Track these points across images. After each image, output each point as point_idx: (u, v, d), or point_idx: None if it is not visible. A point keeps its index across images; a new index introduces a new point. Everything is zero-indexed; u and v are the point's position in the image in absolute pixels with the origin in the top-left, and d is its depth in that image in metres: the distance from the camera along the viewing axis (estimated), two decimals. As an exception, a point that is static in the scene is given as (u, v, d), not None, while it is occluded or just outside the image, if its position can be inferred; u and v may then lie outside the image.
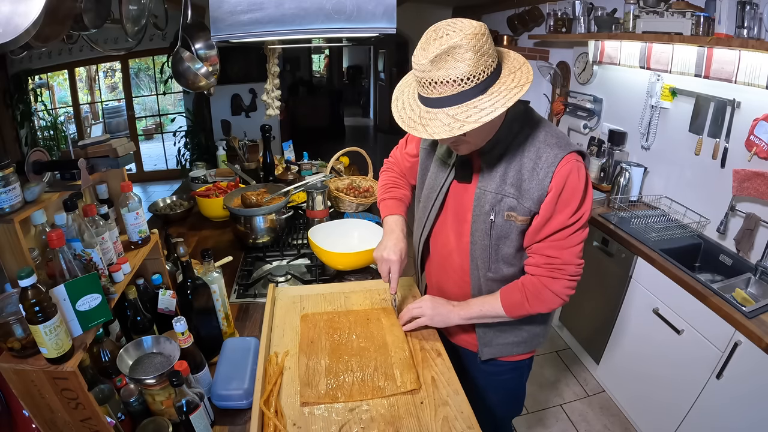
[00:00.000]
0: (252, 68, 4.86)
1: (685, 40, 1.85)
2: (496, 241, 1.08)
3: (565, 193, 0.98)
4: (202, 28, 1.81)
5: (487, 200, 1.05)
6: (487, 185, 1.05)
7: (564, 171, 0.97)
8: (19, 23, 0.86)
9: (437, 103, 0.87)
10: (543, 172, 0.98)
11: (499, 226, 1.06)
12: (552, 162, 0.97)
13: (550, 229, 1.01)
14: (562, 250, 1.02)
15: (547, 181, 0.98)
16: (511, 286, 1.09)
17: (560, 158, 0.97)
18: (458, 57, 0.81)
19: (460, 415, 0.92)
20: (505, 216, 1.04)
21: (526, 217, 1.03)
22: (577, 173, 0.97)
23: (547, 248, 1.03)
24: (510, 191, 1.02)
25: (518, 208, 1.02)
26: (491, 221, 1.06)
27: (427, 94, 0.87)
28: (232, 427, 1.02)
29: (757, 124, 1.76)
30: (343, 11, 1.16)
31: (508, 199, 1.03)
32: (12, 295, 0.85)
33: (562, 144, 0.99)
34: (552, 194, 0.98)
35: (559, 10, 2.84)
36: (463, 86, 0.84)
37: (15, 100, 4.55)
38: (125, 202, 1.14)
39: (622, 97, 2.59)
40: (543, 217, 1.00)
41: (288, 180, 2.34)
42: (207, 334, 1.18)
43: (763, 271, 1.74)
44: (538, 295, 1.05)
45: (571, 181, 0.97)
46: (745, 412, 1.53)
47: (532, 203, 1.01)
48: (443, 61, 0.82)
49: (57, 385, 0.82)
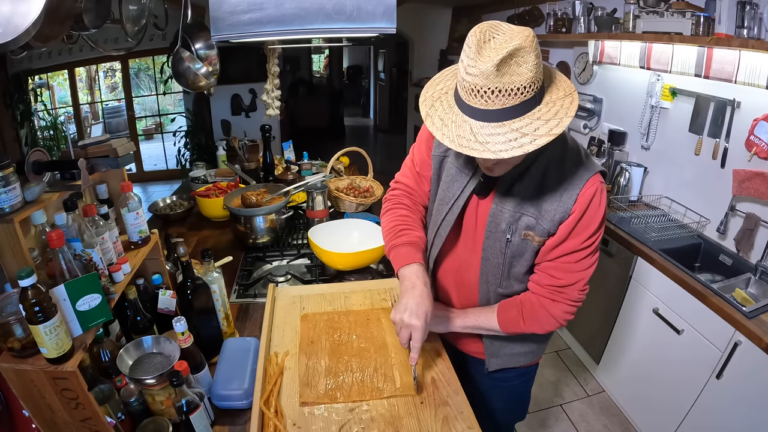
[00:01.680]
0: (252, 68, 4.85)
1: (685, 40, 1.85)
2: (510, 259, 1.03)
3: (587, 217, 0.94)
4: (202, 28, 1.81)
5: (504, 218, 1.00)
6: (506, 203, 0.99)
7: (588, 194, 0.92)
8: (19, 23, 0.86)
9: (496, 117, 0.76)
10: (567, 194, 0.93)
11: (515, 245, 1.01)
12: (577, 184, 0.93)
13: (563, 251, 0.97)
14: (570, 273, 0.98)
15: (571, 204, 0.93)
16: (509, 302, 1.06)
17: (585, 180, 0.92)
18: (522, 61, 0.72)
19: (460, 415, 0.92)
20: (522, 235, 1.00)
21: (543, 238, 0.99)
22: (600, 196, 0.93)
23: (555, 269, 0.99)
24: (530, 210, 0.97)
25: (536, 228, 0.97)
26: (507, 240, 1.01)
27: (482, 105, 0.75)
28: (232, 427, 1.02)
29: (757, 124, 1.76)
30: (343, 11, 1.16)
31: (526, 218, 0.98)
32: (12, 295, 0.85)
33: (587, 164, 0.95)
34: (573, 217, 0.94)
35: (559, 10, 2.84)
36: (526, 95, 0.74)
37: (15, 100, 4.55)
38: (125, 202, 1.14)
39: (622, 97, 2.59)
40: (558, 238, 0.96)
41: (288, 180, 2.34)
42: (207, 334, 1.18)
43: (763, 271, 1.73)
44: (535, 315, 1.02)
45: (593, 205, 0.93)
46: (745, 412, 1.53)
47: (551, 225, 0.96)
48: (507, 65, 0.72)
49: (57, 385, 0.82)
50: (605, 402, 2.30)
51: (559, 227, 0.96)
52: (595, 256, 0.99)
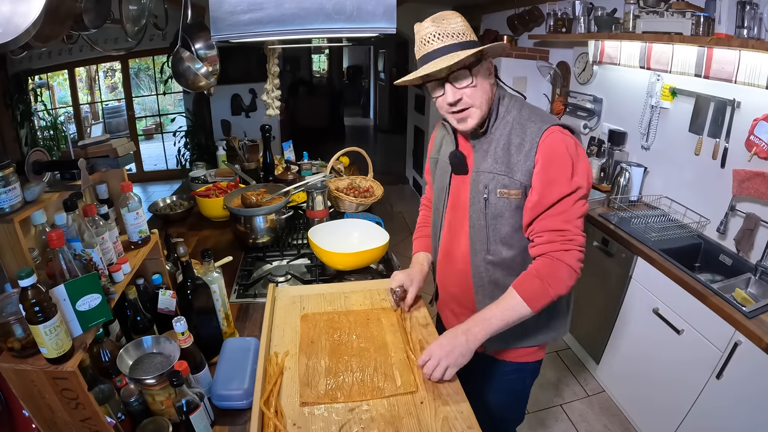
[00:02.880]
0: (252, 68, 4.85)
1: (685, 40, 1.85)
2: (492, 220, 1.10)
3: (555, 162, 1.00)
4: (202, 28, 1.81)
5: (480, 181, 1.10)
6: (481, 167, 1.10)
7: (548, 141, 1.01)
8: (19, 23, 0.86)
9: (437, 54, 0.98)
10: (528, 144, 1.03)
11: (493, 204, 1.09)
12: (536, 134, 1.02)
13: (550, 200, 1.01)
14: (568, 222, 1.01)
15: (533, 152, 1.02)
16: (522, 279, 1.04)
17: (544, 129, 1.02)
18: (452, 20, 1.00)
19: (460, 415, 0.92)
20: (498, 194, 1.07)
21: (518, 191, 1.05)
22: (562, 141, 1.01)
23: (552, 222, 1.02)
24: (500, 169, 1.07)
25: (510, 184, 1.06)
26: (485, 199, 1.09)
27: (427, 49, 0.99)
28: (232, 427, 1.02)
29: (757, 124, 1.76)
30: (343, 11, 1.16)
31: (499, 177, 1.07)
32: (12, 295, 0.85)
33: (546, 118, 1.05)
34: (541, 164, 1.02)
35: (559, 10, 2.84)
36: (460, 38, 0.99)
37: (15, 100, 4.55)
38: (125, 202, 1.14)
39: (622, 97, 2.59)
40: (538, 190, 1.02)
41: (288, 180, 2.34)
42: (207, 334, 1.18)
43: (763, 271, 1.73)
44: (555, 273, 1.01)
45: (557, 149, 1.00)
46: (745, 413, 1.53)
47: (521, 175, 1.04)
48: (441, 19, 1.00)
49: (57, 385, 0.82)
50: (605, 402, 2.30)
51: (531, 179, 1.03)
52: (586, 205, 1.04)
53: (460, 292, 1.23)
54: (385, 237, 1.63)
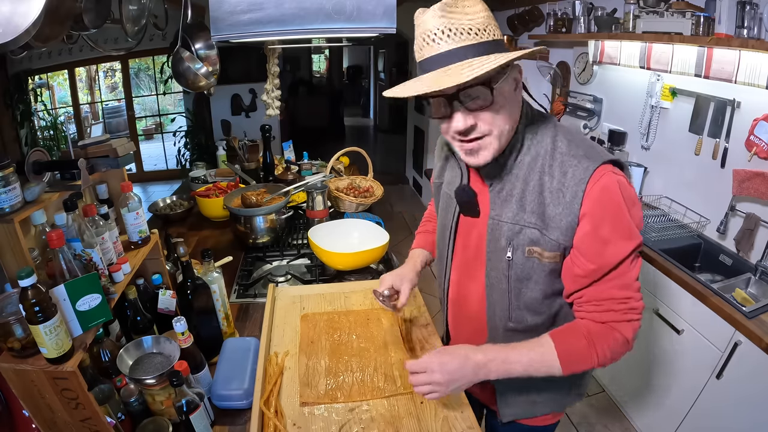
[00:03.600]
0: (252, 68, 4.85)
1: (685, 40, 1.85)
2: (516, 283, 0.88)
3: (611, 217, 0.78)
4: (202, 28, 1.81)
5: (502, 233, 0.86)
6: (502, 213, 0.86)
7: (599, 188, 0.77)
8: (19, 23, 0.86)
9: (444, 59, 0.73)
10: (571, 191, 0.78)
11: (519, 265, 0.86)
12: (581, 178, 0.77)
13: (607, 267, 0.80)
14: (628, 288, 0.81)
15: (577, 204, 0.78)
16: (566, 332, 0.84)
17: (591, 171, 0.77)
18: (469, 8, 0.73)
19: (460, 415, 0.92)
20: (527, 252, 0.84)
21: (555, 253, 0.83)
22: (616, 187, 0.77)
23: (610, 290, 0.81)
24: (530, 220, 0.83)
25: (543, 242, 0.82)
26: (508, 260, 0.86)
27: (430, 51, 0.74)
28: (232, 427, 1.02)
29: (757, 124, 1.76)
30: (343, 11, 1.16)
31: (528, 231, 0.83)
32: (12, 295, 0.85)
33: (591, 153, 0.79)
34: (591, 221, 0.78)
35: (559, 10, 2.84)
36: (480, 37, 0.72)
37: (15, 100, 4.55)
38: (125, 202, 1.14)
39: (622, 97, 2.59)
40: (589, 255, 0.79)
41: (288, 180, 2.34)
42: (207, 334, 1.18)
43: (763, 271, 1.73)
44: (608, 341, 0.81)
45: (613, 200, 0.77)
46: (746, 412, 1.53)
47: (560, 234, 0.81)
48: (453, 6, 0.72)
49: (57, 385, 0.82)
50: (605, 402, 2.30)
51: (574, 239, 0.80)
52: (640, 259, 0.83)
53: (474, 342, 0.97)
54: (385, 237, 1.63)
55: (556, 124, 0.86)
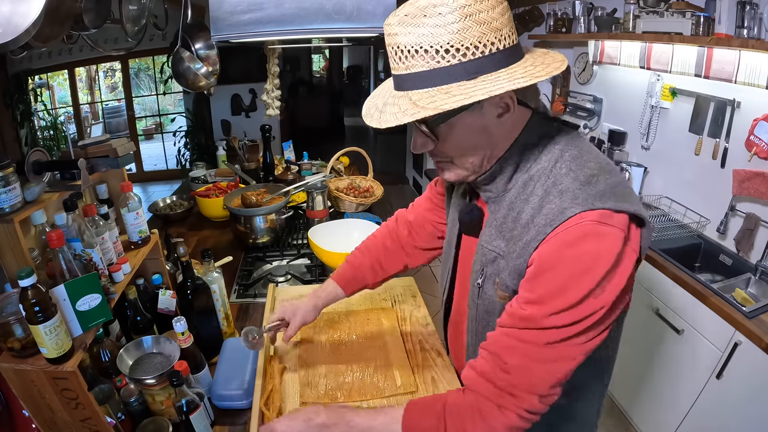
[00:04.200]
0: (252, 68, 4.85)
1: (685, 40, 1.85)
2: (484, 314, 0.78)
3: (556, 275, 0.61)
4: (202, 28, 1.81)
5: (478, 257, 0.78)
6: (485, 235, 0.77)
7: (561, 238, 0.62)
8: (19, 23, 0.86)
9: (406, 83, 0.63)
10: (534, 231, 0.65)
11: (487, 296, 0.76)
12: (551, 220, 0.63)
13: (517, 318, 0.65)
14: (529, 365, 0.64)
15: (532, 248, 0.65)
16: (427, 403, 0.72)
17: (566, 217, 0.61)
18: (436, 19, 0.58)
19: (460, 415, 0.92)
20: (495, 284, 0.74)
21: (504, 294, 0.73)
22: (593, 244, 0.60)
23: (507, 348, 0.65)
24: (501, 248, 0.72)
25: (502, 277, 0.72)
26: (478, 286, 0.77)
27: (396, 70, 0.65)
28: (232, 427, 1.02)
29: (757, 124, 1.76)
30: (343, 11, 1.16)
31: (498, 262, 0.73)
32: (12, 295, 0.85)
33: (585, 193, 0.62)
34: (533, 270, 0.64)
35: (559, 10, 2.84)
36: (439, 61, 0.59)
37: (15, 100, 4.55)
38: (125, 202, 1.14)
39: (622, 97, 2.59)
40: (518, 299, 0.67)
41: (288, 180, 2.34)
42: (207, 334, 1.18)
43: (763, 271, 1.73)
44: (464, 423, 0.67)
45: (572, 256, 0.60)
46: (745, 412, 1.53)
47: (508, 275, 0.70)
48: (415, 18, 0.59)
49: (57, 385, 0.82)
50: (605, 402, 2.29)
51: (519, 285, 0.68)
52: (581, 348, 0.63)
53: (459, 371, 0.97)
54: (385, 237, 1.63)
55: (566, 145, 0.69)
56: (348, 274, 1.05)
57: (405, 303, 1.29)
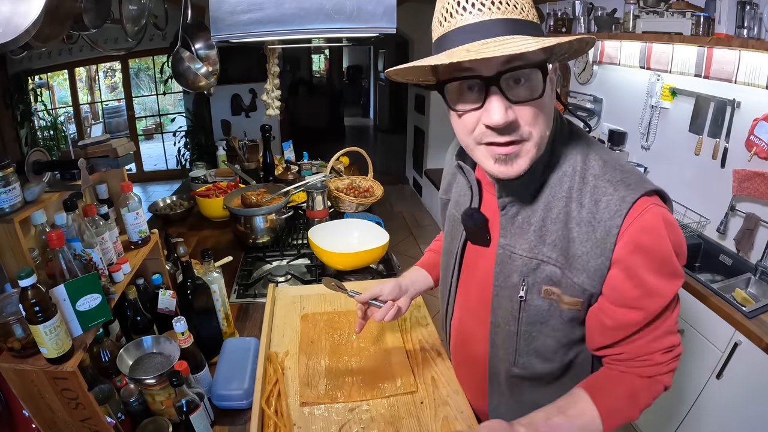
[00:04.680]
0: (252, 68, 4.85)
1: (685, 40, 1.85)
2: (527, 327, 0.74)
3: (657, 263, 0.63)
4: (202, 28, 1.81)
5: (514, 267, 0.73)
6: (515, 243, 0.72)
7: (640, 225, 0.62)
8: (19, 23, 0.86)
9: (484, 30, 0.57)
10: (604, 227, 0.64)
11: (532, 307, 0.73)
12: (617, 210, 0.63)
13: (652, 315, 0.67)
14: (672, 334, 0.69)
15: (610, 244, 0.63)
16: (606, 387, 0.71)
17: (630, 204, 0.62)
18: None
19: (460, 415, 0.92)
20: (543, 292, 0.71)
21: (576, 300, 0.69)
22: (663, 227, 0.63)
23: (658, 340, 0.69)
24: (550, 255, 0.69)
25: (563, 284, 0.69)
26: (520, 299, 0.72)
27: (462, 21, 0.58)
28: (232, 427, 1.02)
29: (757, 124, 1.76)
30: (343, 11, 1.16)
31: (547, 267, 0.69)
32: (12, 295, 0.85)
33: (631, 181, 0.64)
34: (625, 268, 0.64)
35: (559, 10, 2.85)
36: (513, 12, 0.57)
37: (15, 100, 4.55)
38: (125, 202, 1.14)
39: (622, 97, 2.59)
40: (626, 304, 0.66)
41: (288, 180, 2.34)
42: (207, 334, 1.18)
43: (763, 271, 1.73)
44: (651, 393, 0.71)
45: (655, 244, 0.62)
46: (745, 412, 1.53)
47: (586, 278, 0.66)
48: None
49: (57, 385, 0.82)
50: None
51: (605, 285, 0.66)
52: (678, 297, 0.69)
53: (474, 389, 0.93)
54: (385, 237, 1.63)
55: (589, 140, 0.71)
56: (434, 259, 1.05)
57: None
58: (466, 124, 0.64)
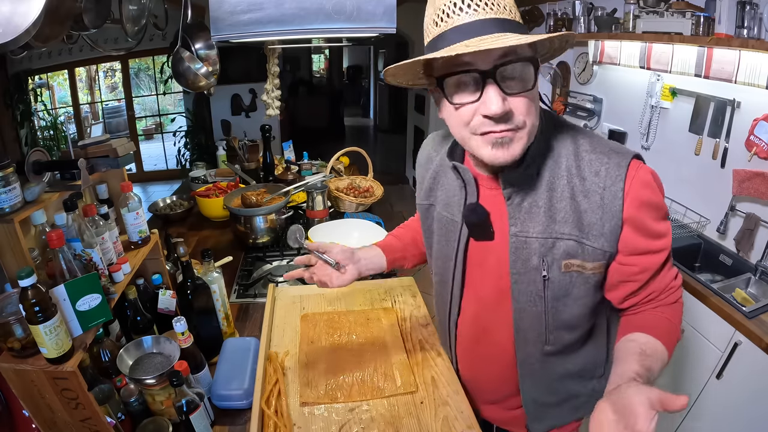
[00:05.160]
0: (252, 68, 4.85)
1: (685, 40, 1.85)
2: (554, 303, 0.80)
3: (653, 212, 0.73)
4: (202, 28, 1.81)
5: (533, 250, 0.77)
6: (528, 229, 0.77)
7: (638, 184, 0.71)
8: (19, 23, 0.86)
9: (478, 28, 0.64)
10: (610, 192, 0.71)
11: (556, 283, 0.78)
12: (617, 175, 0.71)
13: (665, 253, 0.77)
14: (674, 267, 0.81)
15: (618, 205, 0.71)
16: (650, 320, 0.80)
17: (626, 167, 0.71)
18: None
19: (460, 415, 0.92)
20: (563, 267, 0.76)
21: (599, 263, 0.75)
22: (653, 180, 0.73)
23: (671, 272, 0.80)
24: (564, 230, 0.74)
25: (583, 253, 0.75)
26: (544, 278, 0.77)
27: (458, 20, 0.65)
28: (232, 427, 1.02)
29: (757, 124, 1.76)
30: (343, 11, 1.16)
31: (563, 243, 0.75)
32: (12, 295, 0.85)
33: (618, 149, 0.74)
34: (635, 222, 0.72)
35: (559, 10, 2.84)
36: (504, 13, 0.65)
37: (15, 100, 4.55)
38: (125, 202, 1.14)
39: (622, 97, 2.59)
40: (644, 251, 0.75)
41: (288, 180, 2.34)
42: (207, 334, 1.18)
43: (763, 271, 1.73)
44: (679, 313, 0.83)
45: (653, 195, 0.73)
46: (746, 413, 1.53)
47: (605, 241, 0.73)
48: None
49: (57, 385, 0.82)
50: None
51: (621, 242, 0.74)
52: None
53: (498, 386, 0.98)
54: (385, 237, 1.63)
55: (571, 125, 0.79)
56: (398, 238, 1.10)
57: (405, 303, 1.29)
58: (462, 117, 0.70)
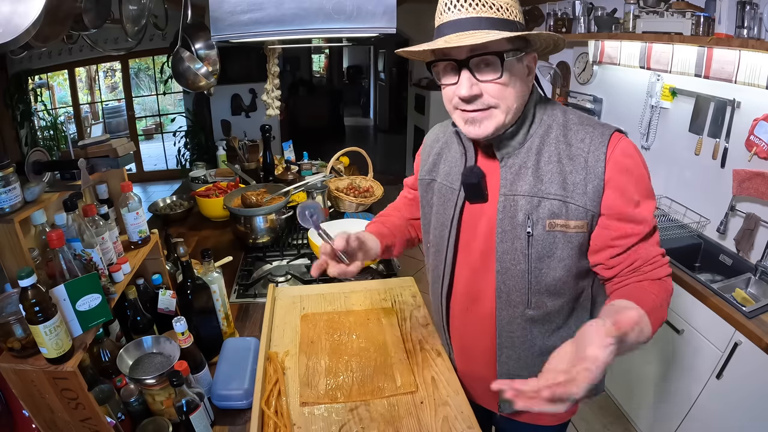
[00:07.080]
0: (252, 68, 4.86)
1: (685, 40, 1.85)
2: (536, 262, 0.83)
3: (634, 179, 0.79)
4: (202, 28, 1.81)
5: (519, 207, 0.82)
6: (516, 188, 0.83)
7: (620, 151, 0.78)
8: (19, 23, 0.86)
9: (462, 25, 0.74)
10: (593, 156, 0.79)
11: (539, 241, 0.82)
12: (600, 142, 0.79)
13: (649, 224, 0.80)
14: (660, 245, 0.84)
15: (601, 167, 0.78)
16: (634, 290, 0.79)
17: (608, 136, 0.79)
18: None
19: (460, 415, 0.92)
20: (547, 226, 0.81)
21: (582, 222, 0.80)
22: (635, 151, 0.80)
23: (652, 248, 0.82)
24: (549, 190, 0.80)
25: (567, 212, 0.80)
26: (528, 235, 0.82)
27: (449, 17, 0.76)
28: (232, 427, 1.02)
29: (757, 124, 1.76)
30: (343, 11, 1.16)
31: (548, 203, 0.80)
32: (12, 295, 0.85)
33: (603, 124, 0.83)
34: (616, 186, 0.78)
35: (559, 10, 2.84)
36: (501, 13, 0.74)
37: (15, 100, 4.56)
38: (125, 202, 1.14)
39: (622, 97, 2.59)
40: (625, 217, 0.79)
41: (288, 180, 2.34)
42: (207, 334, 1.18)
43: (763, 271, 1.73)
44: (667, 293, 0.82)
45: (634, 162, 0.79)
46: (746, 412, 1.53)
47: (588, 200, 0.79)
48: None
49: (57, 385, 0.82)
50: (605, 402, 2.29)
51: (603, 205, 0.79)
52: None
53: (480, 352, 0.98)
54: (385, 237, 1.63)
55: (563, 106, 0.88)
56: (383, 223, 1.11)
57: (405, 303, 1.29)
58: (447, 94, 0.83)
